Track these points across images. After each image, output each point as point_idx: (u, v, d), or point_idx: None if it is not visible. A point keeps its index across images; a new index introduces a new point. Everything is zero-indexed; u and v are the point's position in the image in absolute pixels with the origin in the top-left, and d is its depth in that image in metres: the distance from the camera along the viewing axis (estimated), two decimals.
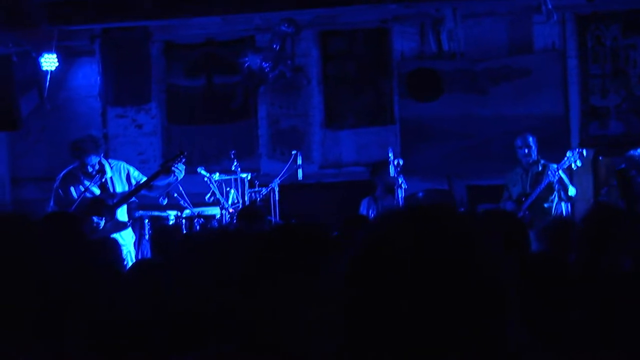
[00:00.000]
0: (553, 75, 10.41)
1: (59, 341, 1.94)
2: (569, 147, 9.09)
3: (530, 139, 8.58)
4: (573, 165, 8.36)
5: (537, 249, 4.58)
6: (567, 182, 8.35)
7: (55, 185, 7.90)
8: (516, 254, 3.37)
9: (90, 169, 7.74)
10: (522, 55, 10.53)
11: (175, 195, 8.34)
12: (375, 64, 11.00)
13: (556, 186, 8.26)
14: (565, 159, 8.32)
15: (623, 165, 9.17)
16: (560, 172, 8.25)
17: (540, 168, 8.52)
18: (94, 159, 7.74)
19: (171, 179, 7.71)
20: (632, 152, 8.90)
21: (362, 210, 9.34)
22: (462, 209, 9.56)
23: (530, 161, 8.55)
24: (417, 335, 1.27)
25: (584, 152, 8.45)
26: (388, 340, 1.28)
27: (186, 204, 8.53)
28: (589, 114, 10.47)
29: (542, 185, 8.30)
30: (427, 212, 1.36)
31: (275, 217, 8.64)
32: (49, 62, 10.53)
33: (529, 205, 8.34)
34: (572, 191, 8.34)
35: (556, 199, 8.36)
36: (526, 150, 8.52)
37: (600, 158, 10.32)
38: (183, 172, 7.74)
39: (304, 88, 10.97)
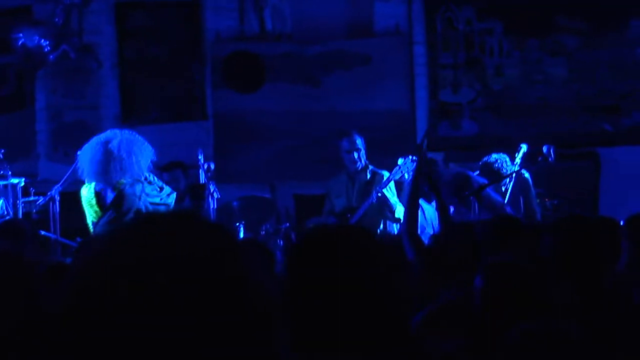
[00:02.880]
0: (397, 64, 9.73)
1: None
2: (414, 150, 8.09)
3: (359, 140, 7.55)
4: (407, 176, 7.30)
5: None
6: (392, 202, 7.34)
7: None
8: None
9: None
10: (361, 39, 9.83)
11: None
12: (185, 45, 10.33)
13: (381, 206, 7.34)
14: (396, 168, 7.31)
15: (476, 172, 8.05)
16: (385, 190, 7.28)
17: (369, 176, 7.53)
18: None
19: None
20: (488, 157, 7.90)
21: None
22: (287, 224, 8.64)
23: (359, 168, 7.52)
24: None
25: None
26: None
27: None
28: (438, 111, 9.85)
29: (370, 200, 7.30)
30: (150, 227, 1.24)
31: (55, 232, 7.68)
32: None
33: (355, 222, 7.32)
34: (399, 212, 7.31)
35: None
36: (355, 155, 7.49)
37: (451, 165, 9.39)
38: None
39: (93, 73, 10.27)
